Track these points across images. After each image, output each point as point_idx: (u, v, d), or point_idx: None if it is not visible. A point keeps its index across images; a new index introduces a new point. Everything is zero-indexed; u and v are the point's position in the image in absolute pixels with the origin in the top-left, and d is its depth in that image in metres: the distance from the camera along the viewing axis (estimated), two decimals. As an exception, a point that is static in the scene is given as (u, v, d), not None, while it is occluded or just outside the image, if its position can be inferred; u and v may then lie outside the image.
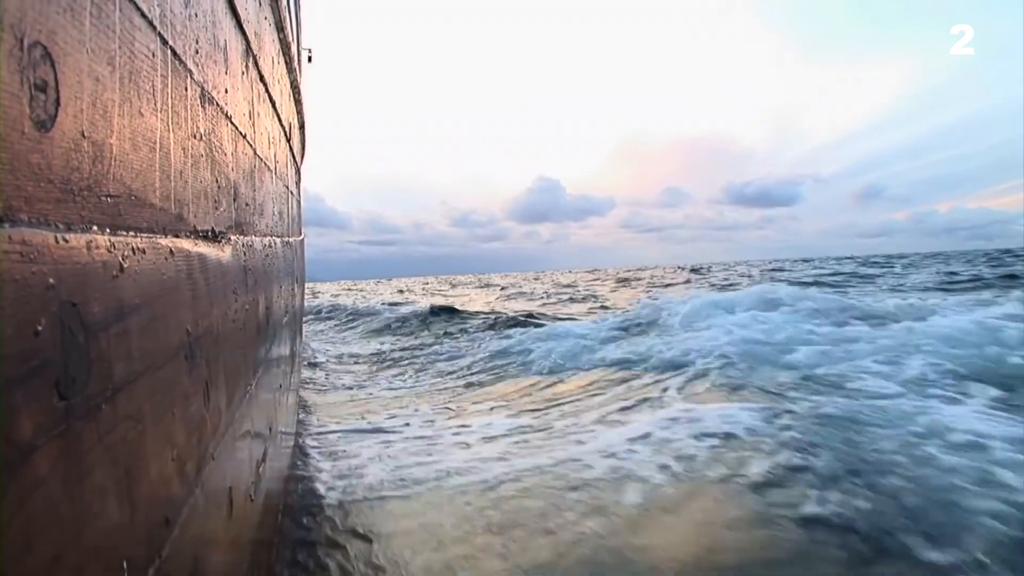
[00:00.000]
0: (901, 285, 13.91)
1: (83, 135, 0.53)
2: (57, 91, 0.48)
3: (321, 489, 2.86)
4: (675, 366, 5.45)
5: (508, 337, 8.41)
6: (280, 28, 2.30)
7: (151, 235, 0.71)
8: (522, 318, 10.95)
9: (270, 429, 1.84)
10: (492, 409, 4.55)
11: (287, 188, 2.82)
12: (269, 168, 2.04)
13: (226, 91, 1.20)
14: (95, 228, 0.56)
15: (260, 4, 1.79)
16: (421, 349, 8.57)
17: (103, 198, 0.58)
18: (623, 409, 4.19)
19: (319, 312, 16.81)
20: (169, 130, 0.79)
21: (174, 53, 0.81)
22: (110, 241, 0.58)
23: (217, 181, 1.11)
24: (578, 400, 4.66)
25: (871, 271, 20.78)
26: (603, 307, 13.52)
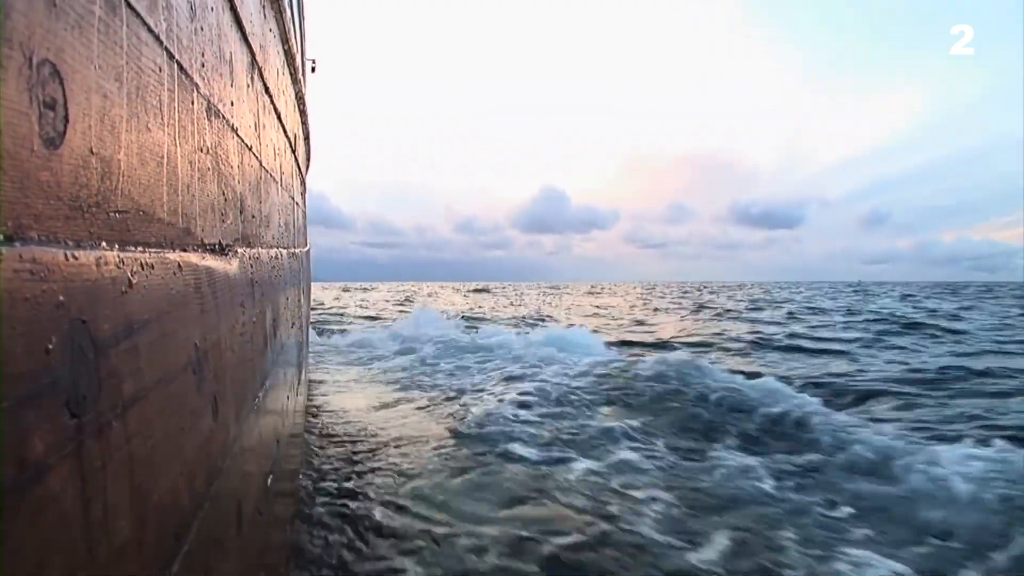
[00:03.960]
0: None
1: (91, 151, 0.53)
2: (66, 108, 0.48)
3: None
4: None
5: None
6: (284, 39, 2.32)
7: (159, 250, 0.71)
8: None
9: (278, 441, 1.84)
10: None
11: (292, 199, 2.83)
12: (275, 179, 2.05)
13: (232, 104, 1.20)
14: (104, 244, 0.55)
15: (265, 16, 1.80)
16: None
17: (112, 214, 0.58)
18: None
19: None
20: (176, 144, 0.79)
21: (180, 67, 0.81)
22: (119, 257, 0.58)
23: (224, 194, 1.11)
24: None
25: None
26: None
